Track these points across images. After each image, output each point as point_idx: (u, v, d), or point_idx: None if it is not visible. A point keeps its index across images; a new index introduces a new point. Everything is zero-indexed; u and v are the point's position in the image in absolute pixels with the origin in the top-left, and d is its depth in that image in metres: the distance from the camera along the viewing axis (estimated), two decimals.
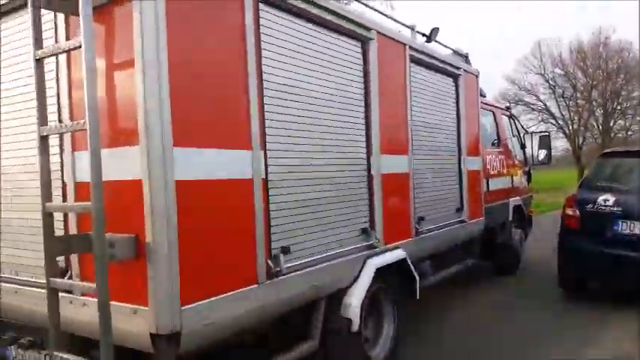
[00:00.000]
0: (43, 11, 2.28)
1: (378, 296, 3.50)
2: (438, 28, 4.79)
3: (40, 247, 2.51)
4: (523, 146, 7.89)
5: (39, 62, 2.23)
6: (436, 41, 4.86)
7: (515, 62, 32.07)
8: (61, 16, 2.40)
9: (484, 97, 6.57)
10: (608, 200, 4.98)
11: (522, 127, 8.61)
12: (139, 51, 2.09)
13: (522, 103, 30.97)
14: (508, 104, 9.45)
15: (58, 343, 2.23)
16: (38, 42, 2.23)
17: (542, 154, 7.57)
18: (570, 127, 30.59)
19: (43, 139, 2.22)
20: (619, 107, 30.54)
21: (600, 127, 30.66)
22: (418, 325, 4.43)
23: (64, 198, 2.41)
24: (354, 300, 3.14)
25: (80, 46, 2.04)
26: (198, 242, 2.22)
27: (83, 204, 2.10)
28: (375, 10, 3.96)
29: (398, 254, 3.66)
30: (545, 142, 7.70)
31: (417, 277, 3.81)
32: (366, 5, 3.93)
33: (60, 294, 2.31)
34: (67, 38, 2.38)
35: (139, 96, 2.09)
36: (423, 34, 4.73)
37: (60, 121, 2.39)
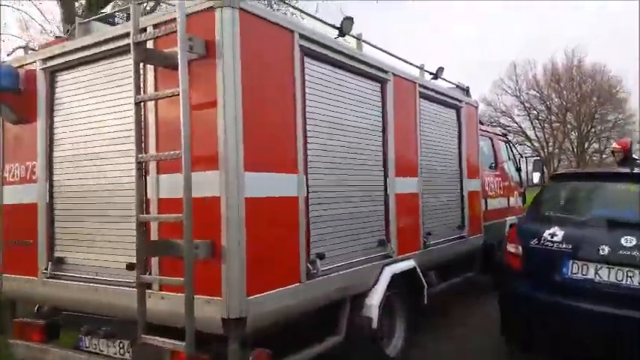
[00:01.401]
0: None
1: (392, 300, 4.06)
2: (442, 68, 5.47)
3: (117, 251, 3.13)
4: (518, 169, 8.55)
5: (138, 105, 2.85)
6: (442, 78, 5.54)
7: (491, 84, 32.36)
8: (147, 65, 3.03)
9: (483, 124, 7.24)
10: (555, 235, 3.87)
11: (518, 151, 9.28)
12: (221, 96, 2.71)
13: (498, 124, 31.36)
14: (505, 131, 10.16)
15: (144, 329, 2.77)
16: (138, 88, 2.85)
17: (536, 176, 8.20)
18: (545, 150, 30.55)
19: (139, 165, 2.83)
20: (593, 130, 30.73)
21: (575, 150, 30.76)
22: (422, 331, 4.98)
23: (147, 211, 2.98)
24: (374, 301, 3.71)
25: (178, 94, 2.66)
26: (259, 246, 2.80)
27: (176, 215, 2.67)
28: (390, 54, 4.61)
29: (409, 264, 4.24)
30: (538, 165, 8.33)
31: (426, 285, 4.38)
32: (381, 49, 4.58)
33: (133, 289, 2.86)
34: (155, 83, 3.00)
35: (220, 131, 2.70)
36: (430, 73, 5.40)
37: (145, 151, 2.97)
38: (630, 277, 3.54)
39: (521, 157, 9.12)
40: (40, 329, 3.57)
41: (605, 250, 3.62)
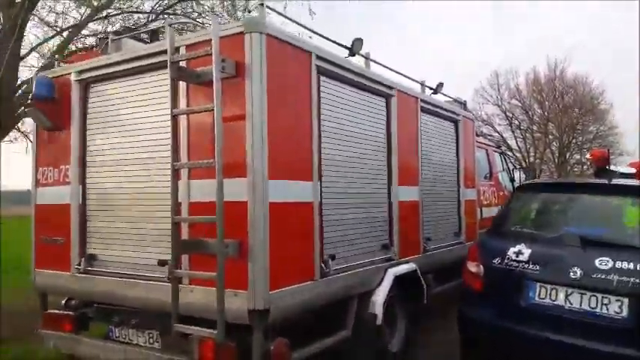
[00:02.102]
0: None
1: (395, 299, 4.38)
2: (442, 83, 5.84)
3: (149, 249, 3.45)
4: (512, 179, 8.94)
5: (174, 117, 3.18)
6: (441, 93, 5.91)
7: (473, 91, 31.75)
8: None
9: (479, 136, 7.62)
10: (521, 253, 3.47)
11: (512, 162, 9.69)
12: (249, 112, 3.04)
13: (479, 134, 30.85)
14: (500, 144, 10.59)
15: (177, 318, 3.08)
16: (174, 102, 3.18)
17: None
18: (527, 160, 30.07)
19: (175, 171, 3.16)
20: (574, 141, 30.41)
21: (556, 160, 30.39)
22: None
23: (178, 213, 3.29)
24: (379, 299, 4.03)
25: (212, 109, 2.99)
26: (281, 246, 3.13)
27: (209, 217, 2.99)
28: (394, 71, 4.96)
29: (410, 266, 4.57)
30: (529, 174, 8.74)
31: (425, 286, 4.71)
32: (386, 67, 4.93)
33: (164, 284, 3.19)
34: (187, 97, 3.33)
35: (248, 143, 3.03)
36: (430, 88, 5.77)
37: (178, 159, 3.29)
38: (606, 304, 3.09)
39: (515, 167, 9.52)
40: (70, 320, 3.87)
41: (577, 272, 3.20)
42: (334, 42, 4.26)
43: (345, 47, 4.31)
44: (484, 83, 31.85)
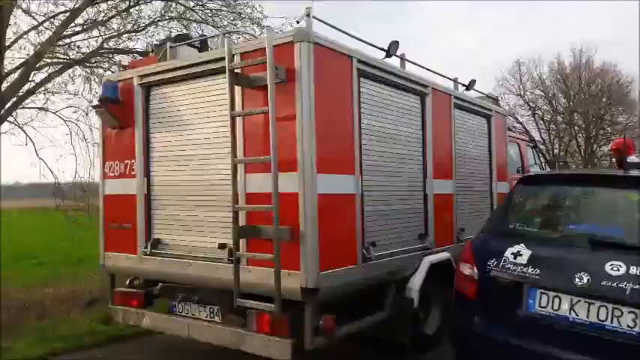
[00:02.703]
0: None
1: (430, 286, 4.68)
2: (474, 80, 6.05)
3: (209, 234, 3.86)
4: None
5: (233, 119, 3.57)
6: (474, 89, 6.13)
7: (494, 81, 30.26)
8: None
9: (511, 130, 7.77)
10: (520, 254, 3.06)
11: (545, 156, 9.75)
12: (299, 113, 3.40)
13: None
14: (533, 137, 10.60)
15: (238, 294, 3.49)
16: (232, 104, 3.57)
17: None
18: (551, 152, 28.35)
19: (235, 166, 3.56)
20: (602, 132, 28.46)
21: (582, 153, 28.54)
22: None
23: (237, 203, 3.66)
24: (415, 285, 4.34)
25: (267, 112, 3.37)
26: (328, 233, 3.49)
27: (266, 206, 3.38)
28: (428, 70, 5.22)
29: (445, 255, 4.86)
30: (563, 169, 8.81)
31: None
32: (421, 66, 5.19)
33: (223, 264, 3.60)
34: (242, 101, 3.71)
35: (299, 141, 3.40)
36: (463, 84, 5.99)
37: (235, 155, 3.67)
38: (617, 317, 2.66)
39: (547, 160, 9.58)
40: (137, 297, 4.35)
41: (583, 279, 2.76)
42: (372, 45, 4.56)
43: (383, 49, 4.60)
44: (505, 73, 30.66)
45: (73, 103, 8.13)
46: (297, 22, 3.60)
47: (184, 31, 8.15)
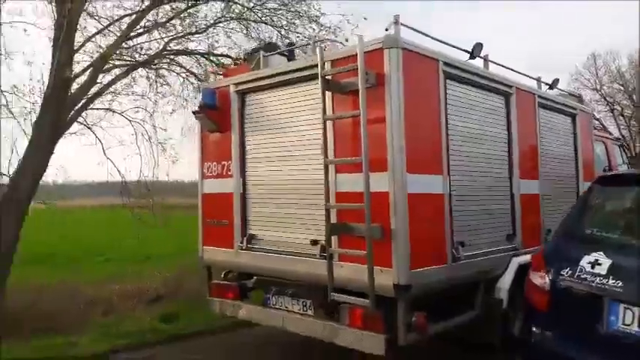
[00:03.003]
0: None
1: (518, 287, 4.62)
2: (558, 79, 5.88)
3: (302, 230, 4.09)
4: None
5: (325, 122, 3.79)
6: (557, 88, 5.95)
7: (569, 77, 28.10)
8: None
9: (597, 129, 7.42)
10: (598, 264, 2.76)
11: (633, 155, 9.17)
12: (389, 116, 3.55)
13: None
14: (620, 136, 10.01)
15: (332, 289, 3.68)
16: (325, 109, 3.79)
17: None
18: (633, 150, 26.68)
19: (327, 167, 3.77)
20: None
21: None
22: None
23: (329, 201, 3.86)
24: (504, 285, 4.32)
25: (359, 115, 3.54)
26: (418, 231, 3.60)
27: (357, 204, 3.56)
28: (511, 70, 5.15)
29: None
30: None
31: None
32: (504, 66, 5.14)
33: (316, 260, 3.80)
34: (332, 105, 3.91)
35: (389, 143, 3.54)
36: (547, 84, 5.84)
37: (327, 156, 3.87)
38: None
39: (629, 160, 9.01)
40: (233, 290, 4.69)
41: None
42: (457, 47, 4.60)
43: (467, 51, 4.63)
44: (580, 67, 28.79)
45: (139, 104, 8.19)
46: (386, 30, 3.75)
47: (243, 32, 8.24)
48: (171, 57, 8.09)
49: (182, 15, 7.92)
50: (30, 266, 9.40)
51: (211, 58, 8.25)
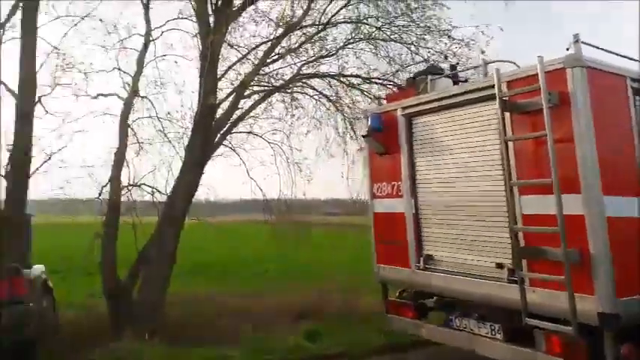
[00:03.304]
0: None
1: None
2: None
3: (486, 253, 4.06)
4: None
5: (506, 143, 3.75)
6: None
7: None
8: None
9: None
10: None
11: None
12: (579, 136, 3.40)
13: None
14: None
15: (526, 313, 3.59)
16: (505, 131, 3.75)
17: None
18: None
19: (511, 188, 3.72)
20: None
21: None
22: None
23: (514, 224, 3.78)
24: None
25: (544, 135, 3.44)
26: (622, 257, 3.35)
27: (551, 227, 3.46)
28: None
29: None
30: None
31: None
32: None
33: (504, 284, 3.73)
34: (511, 126, 3.82)
35: (580, 162, 3.38)
36: None
37: (510, 178, 3.80)
38: None
39: None
40: (412, 309, 4.85)
41: None
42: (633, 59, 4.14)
43: None
44: None
45: (276, 127, 8.72)
46: (567, 49, 3.58)
47: (372, 51, 8.23)
48: (305, 80, 8.51)
49: (313, 39, 8.29)
50: (188, 277, 10.28)
51: (341, 79, 8.49)
